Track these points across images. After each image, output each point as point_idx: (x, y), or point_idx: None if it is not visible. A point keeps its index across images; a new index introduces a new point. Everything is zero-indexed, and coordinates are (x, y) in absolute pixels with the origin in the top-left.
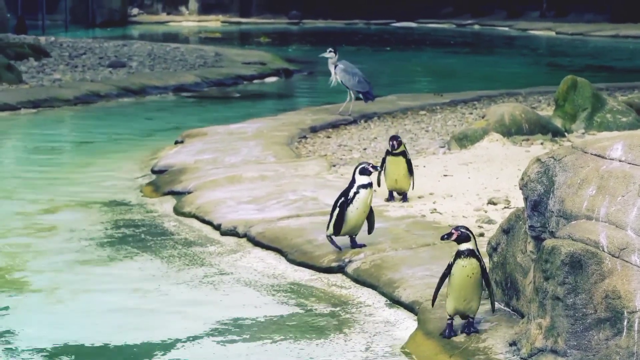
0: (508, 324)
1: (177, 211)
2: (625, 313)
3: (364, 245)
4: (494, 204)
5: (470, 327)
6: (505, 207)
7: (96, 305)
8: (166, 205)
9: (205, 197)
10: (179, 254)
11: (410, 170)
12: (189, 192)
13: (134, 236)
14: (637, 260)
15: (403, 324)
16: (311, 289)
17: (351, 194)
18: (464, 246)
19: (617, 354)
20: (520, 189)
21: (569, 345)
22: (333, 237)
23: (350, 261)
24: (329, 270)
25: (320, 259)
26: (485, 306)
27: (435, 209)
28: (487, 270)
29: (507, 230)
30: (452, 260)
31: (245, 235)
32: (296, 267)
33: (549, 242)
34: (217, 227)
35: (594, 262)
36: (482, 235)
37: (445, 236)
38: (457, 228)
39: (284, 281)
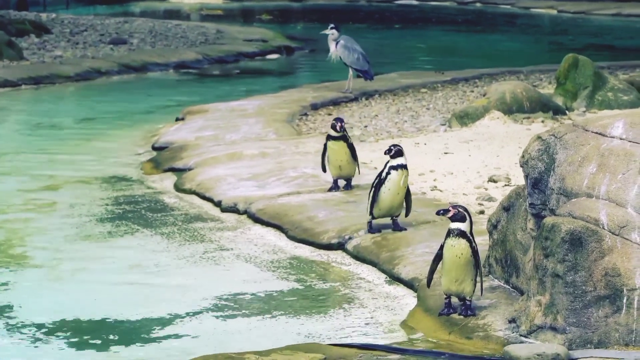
0: (507, 301)
1: (178, 188)
2: (624, 290)
3: (405, 229)
4: (495, 181)
5: (467, 309)
6: (505, 185)
7: (96, 280)
8: (167, 181)
9: (205, 173)
10: (179, 230)
11: (353, 155)
12: (190, 169)
13: (134, 212)
14: (637, 238)
15: (403, 300)
16: (311, 265)
17: (383, 174)
18: (455, 225)
19: (616, 331)
20: (521, 166)
21: (568, 322)
22: (372, 221)
23: (350, 238)
24: (329, 247)
25: (320, 235)
26: (485, 284)
27: (435, 187)
28: (489, 248)
29: (507, 207)
30: (444, 240)
31: (245, 212)
32: (296, 244)
33: (549, 220)
34: (217, 204)
35: (594, 239)
36: (482, 212)
37: (442, 211)
38: (455, 206)
39: (284, 257)
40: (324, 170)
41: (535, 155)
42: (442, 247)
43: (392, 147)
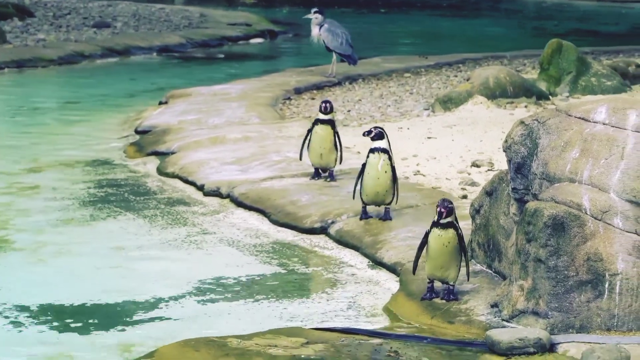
0: (490, 285)
1: (161, 171)
2: (606, 275)
3: (391, 219)
4: (478, 166)
5: (450, 294)
6: (488, 170)
7: (78, 264)
8: (149, 165)
9: (188, 157)
10: (162, 214)
11: (337, 144)
12: (173, 153)
13: (117, 196)
14: (620, 223)
15: (385, 284)
16: (294, 249)
17: (365, 159)
18: (444, 220)
19: (598, 316)
20: (504, 151)
21: (550, 307)
22: (366, 206)
23: (333, 222)
24: (311, 231)
25: (303, 219)
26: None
27: (418, 171)
28: (472, 232)
29: (490, 192)
30: (429, 228)
31: (228, 196)
32: (279, 228)
33: (531, 205)
34: (200, 188)
35: (576, 224)
36: (465, 197)
37: (437, 217)
38: (443, 204)
39: (266, 241)
40: (301, 157)
41: (518, 140)
42: (427, 234)
43: (372, 129)
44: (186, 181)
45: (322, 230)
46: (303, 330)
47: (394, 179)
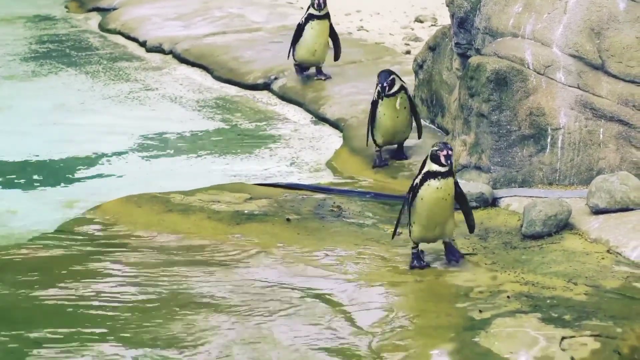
0: (433, 140)
1: (102, 27)
2: (549, 130)
3: (407, 158)
4: (421, 21)
5: (455, 253)
6: (432, 25)
7: (21, 120)
8: (91, 21)
9: (130, 13)
10: (104, 70)
11: (334, 37)
12: (114, 9)
13: (58, 51)
14: (562, 78)
15: (328, 140)
16: (237, 105)
17: (375, 97)
18: (436, 167)
19: (540, 170)
20: (447, 6)
21: (492, 162)
22: (380, 149)
23: (276, 78)
24: (254, 87)
25: (246, 75)
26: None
27: (362, 27)
28: (415, 88)
29: (433, 47)
30: (417, 182)
31: (170, 52)
32: (222, 84)
33: (474, 59)
34: (142, 44)
35: (519, 79)
36: (408, 52)
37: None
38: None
39: (209, 97)
40: (289, 55)
41: None
42: (415, 188)
43: (385, 85)
44: (128, 37)
45: (265, 86)
46: (246, 186)
47: (414, 112)
